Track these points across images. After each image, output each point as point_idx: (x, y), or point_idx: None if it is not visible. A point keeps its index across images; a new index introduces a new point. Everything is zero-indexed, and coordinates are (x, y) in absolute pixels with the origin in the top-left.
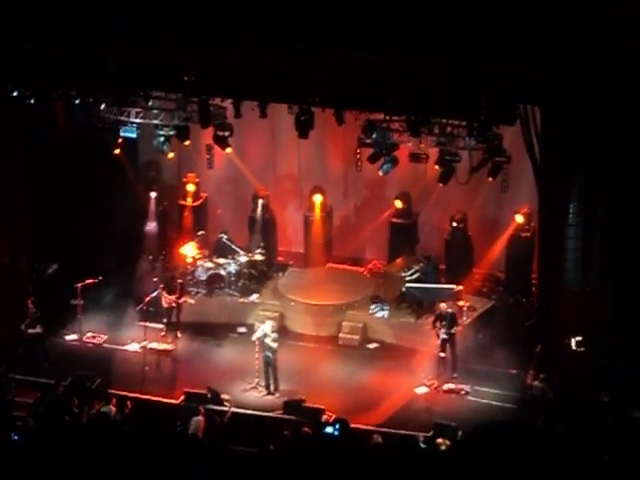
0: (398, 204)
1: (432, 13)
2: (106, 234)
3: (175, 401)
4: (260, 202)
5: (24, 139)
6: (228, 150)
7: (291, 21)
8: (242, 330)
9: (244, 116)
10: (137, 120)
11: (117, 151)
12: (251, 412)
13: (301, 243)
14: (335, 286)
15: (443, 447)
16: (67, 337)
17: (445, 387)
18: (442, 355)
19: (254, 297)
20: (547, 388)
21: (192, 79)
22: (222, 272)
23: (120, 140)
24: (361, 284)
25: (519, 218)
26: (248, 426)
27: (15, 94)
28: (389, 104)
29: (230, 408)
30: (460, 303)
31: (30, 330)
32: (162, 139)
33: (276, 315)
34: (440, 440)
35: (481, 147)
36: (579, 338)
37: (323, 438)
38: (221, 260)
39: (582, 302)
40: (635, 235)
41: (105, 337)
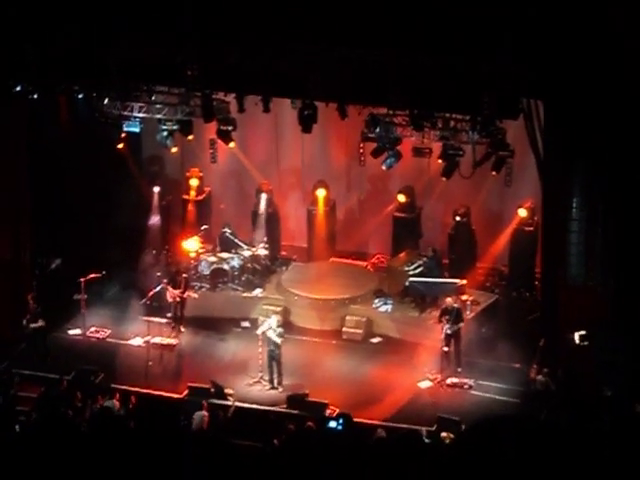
0: (401, 198)
1: (432, 13)
2: (109, 229)
3: (179, 396)
4: (263, 196)
5: (27, 134)
6: (231, 144)
7: (291, 21)
8: (246, 324)
9: (247, 110)
10: (140, 115)
11: (120, 145)
12: (255, 406)
13: (304, 237)
14: (338, 280)
15: (447, 441)
16: (70, 332)
17: (449, 381)
18: (446, 349)
19: (257, 291)
20: (550, 382)
21: (195, 74)
22: (225, 266)
23: (123, 135)
24: (364, 278)
25: (522, 212)
26: (252, 420)
27: (18, 89)
28: (392, 99)
29: (234, 402)
30: (463, 297)
31: (32, 325)
32: (165, 134)
33: (280, 309)
34: (444, 434)
35: (484, 141)
36: (582, 332)
37: (326, 432)
38: (224, 254)
39: (585, 296)
40: (637, 230)
41: (109, 332)
